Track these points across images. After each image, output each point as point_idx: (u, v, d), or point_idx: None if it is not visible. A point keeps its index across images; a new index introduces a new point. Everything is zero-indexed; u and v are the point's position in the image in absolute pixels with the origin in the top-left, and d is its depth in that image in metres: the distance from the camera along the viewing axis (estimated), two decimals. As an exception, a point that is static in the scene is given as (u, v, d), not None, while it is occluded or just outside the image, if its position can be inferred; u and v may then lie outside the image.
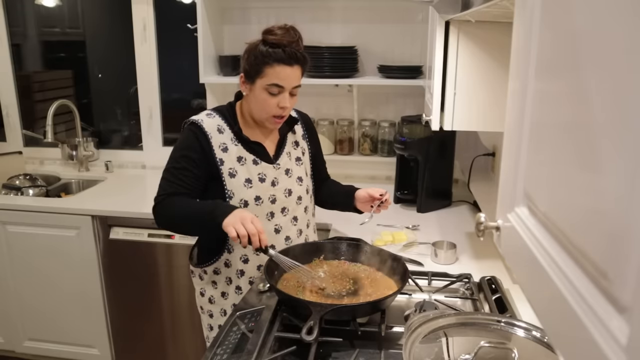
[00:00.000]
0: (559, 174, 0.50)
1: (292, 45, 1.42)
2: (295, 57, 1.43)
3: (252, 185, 1.52)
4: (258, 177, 1.53)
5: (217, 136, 1.51)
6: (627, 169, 0.36)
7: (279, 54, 1.42)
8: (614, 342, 0.36)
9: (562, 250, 0.49)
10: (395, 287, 1.34)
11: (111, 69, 3.20)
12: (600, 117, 0.41)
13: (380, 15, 2.53)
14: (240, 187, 1.51)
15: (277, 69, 1.43)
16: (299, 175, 1.61)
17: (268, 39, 1.43)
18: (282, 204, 1.56)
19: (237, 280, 1.59)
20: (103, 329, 2.50)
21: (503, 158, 0.71)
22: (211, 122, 1.52)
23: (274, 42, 1.42)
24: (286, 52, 1.42)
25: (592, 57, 0.43)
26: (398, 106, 2.63)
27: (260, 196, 1.52)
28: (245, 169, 1.52)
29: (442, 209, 2.30)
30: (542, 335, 1.02)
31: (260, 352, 1.12)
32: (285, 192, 1.57)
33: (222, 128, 1.52)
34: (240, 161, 1.52)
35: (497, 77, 1.52)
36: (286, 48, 1.42)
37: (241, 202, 1.51)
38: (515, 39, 0.67)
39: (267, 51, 1.42)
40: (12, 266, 2.49)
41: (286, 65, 1.43)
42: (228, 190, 1.51)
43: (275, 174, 1.55)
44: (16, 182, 2.77)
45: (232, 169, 1.50)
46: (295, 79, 1.47)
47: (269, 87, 1.44)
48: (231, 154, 1.51)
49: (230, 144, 1.52)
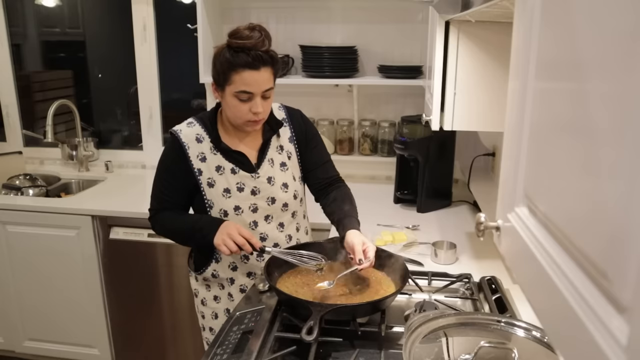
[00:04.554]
0: (559, 174, 0.50)
1: (257, 47, 1.35)
2: (262, 59, 1.36)
3: (231, 195, 1.49)
4: (236, 186, 1.49)
5: (195, 146, 1.48)
6: (627, 168, 0.36)
7: (243, 58, 1.35)
8: (614, 342, 0.36)
9: (562, 250, 0.49)
10: (395, 287, 1.34)
11: (111, 69, 3.21)
12: (600, 117, 0.41)
13: (380, 15, 2.53)
14: (219, 197, 1.49)
15: (243, 75, 1.36)
16: (284, 181, 1.55)
17: (232, 43, 1.36)
18: (265, 212, 1.54)
19: (229, 287, 1.60)
20: (103, 329, 2.50)
21: (503, 158, 0.71)
22: (190, 131, 1.50)
23: (238, 47, 1.35)
24: (251, 56, 1.34)
25: (592, 57, 0.43)
26: (398, 106, 2.63)
27: (240, 206, 1.50)
28: (223, 179, 1.49)
29: (442, 209, 2.30)
30: (542, 335, 1.02)
31: (260, 352, 1.12)
32: (268, 200, 1.53)
33: (201, 137, 1.49)
34: (219, 170, 1.49)
35: (497, 77, 1.52)
36: (251, 51, 1.34)
37: (221, 211, 1.50)
38: (515, 39, 0.67)
39: (231, 57, 1.36)
40: (12, 266, 2.49)
41: (252, 69, 1.36)
42: (208, 200, 1.50)
43: (255, 183, 1.51)
44: (16, 182, 2.77)
45: (210, 178, 1.49)
46: (265, 82, 1.39)
47: (238, 94, 1.39)
48: (210, 164, 1.49)
49: (209, 153, 1.49)
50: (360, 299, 1.28)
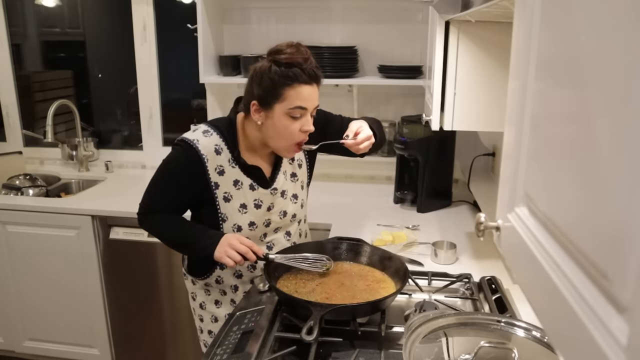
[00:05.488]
0: (559, 173, 0.50)
1: (307, 63, 1.32)
2: (315, 75, 1.34)
3: (247, 211, 1.46)
4: (254, 203, 1.46)
5: (214, 158, 1.41)
6: (627, 168, 0.36)
7: (298, 73, 1.30)
8: (614, 342, 0.36)
9: (562, 250, 0.49)
10: (395, 287, 1.34)
11: (111, 69, 3.21)
12: (601, 116, 0.41)
13: (380, 15, 2.53)
14: (235, 212, 1.45)
15: (298, 90, 1.31)
16: (294, 192, 1.55)
17: (280, 58, 1.31)
18: (276, 225, 1.54)
19: (232, 294, 1.58)
20: (103, 329, 2.50)
21: (503, 158, 0.71)
22: (208, 142, 1.41)
23: (288, 62, 1.30)
24: (305, 71, 1.31)
25: (592, 57, 0.43)
26: (398, 106, 2.63)
27: (255, 222, 1.48)
28: (241, 194, 1.45)
29: (442, 209, 2.30)
30: (542, 335, 1.02)
31: (260, 352, 1.12)
32: (280, 214, 1.52)
33: (220, 148, 1.42)
34: (237, 185, 1.44)
35: (497, 77, 1.52)
36: (303, 66, 1.31)
37: (234, 226, 1.46)
38: (515, 39, 0.67)
39: (284, 72, 1.30)
40: (12, 266, 2.49)
41: (307, 84, 1.32)
42: (222, 214, 1.45)
43: (272, 199, 1.49)
44: (16, 182, 2.77)
45: (227, 193, 1.44)
46: (316, 98, 1.37)
47: (292, 110, 1.33)
48: (228, 177, 1.43)
49: (228, 166, 1.43)
50: (360, 299, 1.28)
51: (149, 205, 1.50)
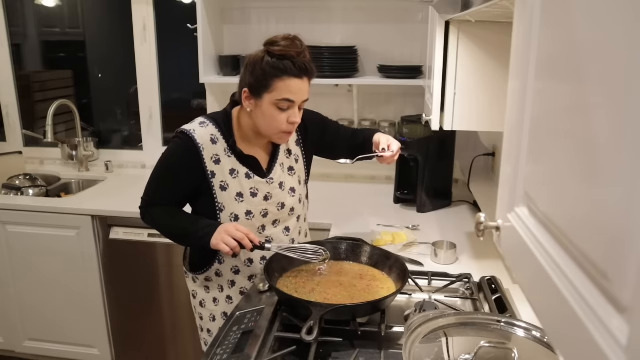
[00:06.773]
0: (559, 174, 0.50)
1: (300, 57, 1.34)
2: (305, 69, 1.36)
3: (244, 200, 1.47)
4: (250, 191, 1.48)
5: (210, 147, 1.44)
6: (627, 168, 0.36)
7: (289, 66, 1.33)
8: (614, 342, 0.36)
9: (562, 250, 0.49)
10: (395, 287, 1.34)
11: (111, 69, 3.21)
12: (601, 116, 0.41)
13: (380, 15, 2.53)
14: (231, 201, 1.47)
15: (287, 82, 1.34)
16: (292, 186, 1.56)
17: (274, 50, 1.34)
18: (274, 217, 1.54)
19: (229, 290, 1.59)
20: (103, 329, 2.50)
21: (503, 158, 0.71)
22: (204, 132, 1.44)
23: (281, 54, 1.33)
24: (296, 64, 1.34)
25: (592, 56, 0.43)
26: (398, 106, 2.63)
27: (252, 211, 1.49)
28: (237, 183, 1.47)
29: (442, 209, 2.30)
30: (542, 335, 1.02)
31: (260, 352, 1.12)
32: (278, 205, 1.53)
33: (216, 138, 1.45)
34: (233, 174, 1.46)
35: (497, 77, 1.52)
36: (295, 59, 1.33)
37: (231, 215, 1.47)
38: (515, 39, 0.67)
39: (275, 63, 1.33)
40: (12, 266, 2.49)
41: (296, 78, 1.35)
42: (219, 204, 1.47)
43: (269, 188, 1.50)
44: (16, 182, 2.77)
45: (223, 181, 1.46)
46: (306, 92, 1.40)
47: (279, 101, 1.36)
48: (224, 166, 1.45)
49: (224, 156, 1.45)
50: (360, 299, 1.28)
51: (150, 199, 1.52)
